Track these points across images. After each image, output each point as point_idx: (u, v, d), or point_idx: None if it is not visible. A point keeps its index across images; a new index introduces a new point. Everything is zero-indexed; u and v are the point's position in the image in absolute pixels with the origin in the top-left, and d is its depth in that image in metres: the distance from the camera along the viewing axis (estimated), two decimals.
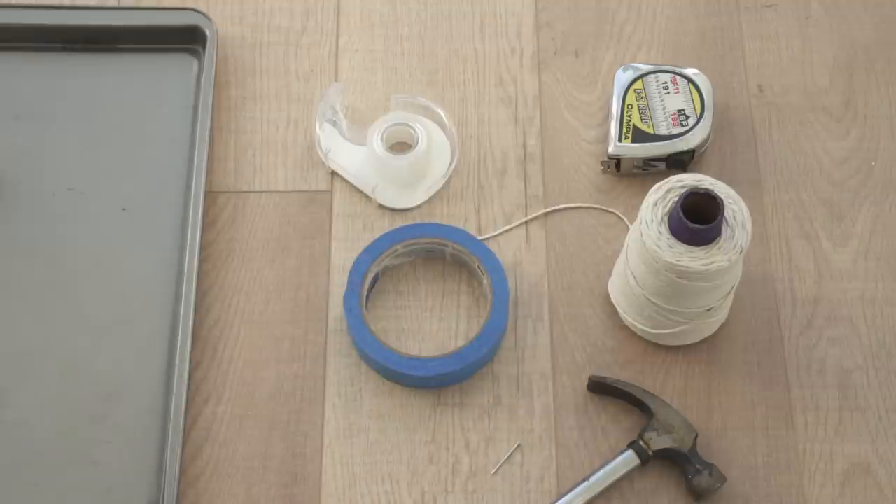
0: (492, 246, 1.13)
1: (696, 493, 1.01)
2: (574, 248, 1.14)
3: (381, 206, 1.15)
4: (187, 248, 1.10)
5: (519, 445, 1.05)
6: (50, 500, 1.02)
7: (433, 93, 1.21)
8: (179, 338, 1.07)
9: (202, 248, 1.11)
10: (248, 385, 1.07)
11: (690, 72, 1.18)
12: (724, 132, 1.19)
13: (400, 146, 1.17)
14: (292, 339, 1.09)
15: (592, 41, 1.24)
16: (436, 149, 1.17)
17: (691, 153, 1.15)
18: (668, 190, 1.01)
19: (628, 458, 1.02)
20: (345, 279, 1.10)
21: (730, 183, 1.02)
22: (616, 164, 1.16)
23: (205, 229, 1.12)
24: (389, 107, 1.19)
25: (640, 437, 1.03)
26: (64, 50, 1.22)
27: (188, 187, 1.14)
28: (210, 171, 1.16)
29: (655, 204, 1.00)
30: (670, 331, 1.06)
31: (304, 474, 1.03)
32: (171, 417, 1.03)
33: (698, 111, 1.16)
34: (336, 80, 1.22)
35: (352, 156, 1.16)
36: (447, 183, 1.17)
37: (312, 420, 1.06)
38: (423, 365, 1.05)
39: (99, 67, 1.21)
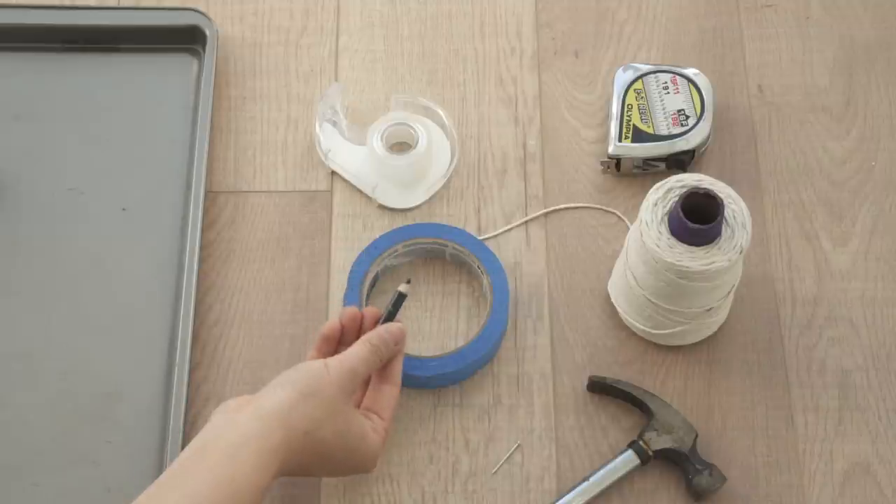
0: (492, 246, 1.13)
1: (696, 493, 1.01)
2: (574, 248, 1.14)
3: (381, 206, 1.15)
4: (187, 248, 1.10)
5: (519, 445, 1.05)
6: (50, 500, 1.02)
7: (433, 93, 1.21)
8: (179, 338, 1.07)
9: (202, 248, 1.11)
10: (248, 385, 1.07)
11: (690, 72, 1.18)
12: (724, 132, 1.19)
13: (400, 146, 1.17)
14: (292, 338, 1.09)
15: (592, 41, 1.24)
16: (436, 149, 1.17)
17: (691, 153, 1.15)
18: (668, 190, 1.01)
19: (628, 458, 1.02)
20: (345, 279, 1.10)
21: (730, 183, 1.02)
22: (616, 164, 1.16)
23: (205, 229, 1.12)
24: (389, 107, 1.19)
25: (640, 437, 1.03)
26: (64, 50, 1.22)
27: (188, 187, 1.14)
28: (210, 171, 1.16)
29: (655, 204, 1.00)
30: (670, 331, 1.06)
31: None
32: (171, 417, 1.03)
33: (698, 111, 1.16)
34: (336, 80, 1.22)
35: (352, 156, 1.17)
36: (447, 183, 1.17)
37: None
38: (423, 365, 1.05)
39: (99, 67, 1.21)
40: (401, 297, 1.02)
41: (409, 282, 1.02)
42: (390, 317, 1.01)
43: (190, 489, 0.83)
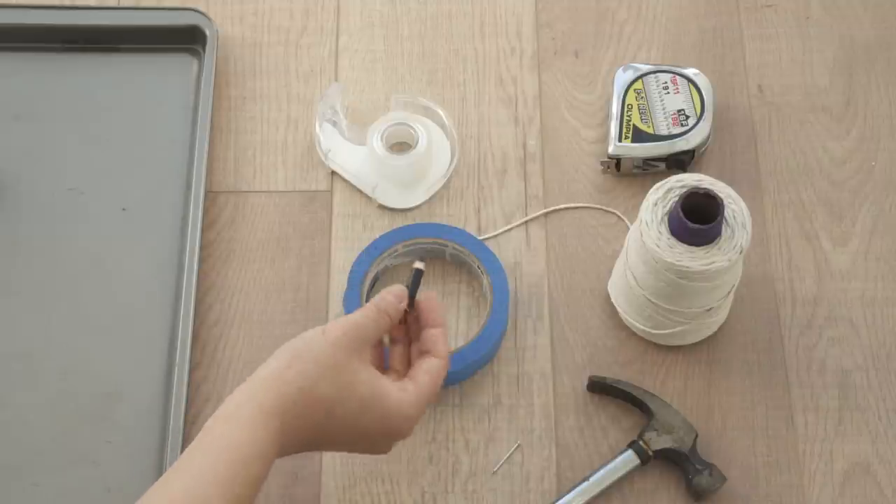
0: (492, 246, 1.13)
1: (696, 493, 1.01)
2: (574, 248, 1.14)
3: (381, 206, 1.15)
4: (187, 248, 1.10)
5: (519, 445, 1.05)
6: (50, 500, 1.02)
7: (433, 93, 1.21)
8: (179, 338, 1.07)
9: (202, 248, 1.11)
10: None
11: (690, 72, 1.18)
12: (724, 132, 1.19)
13: (400, 146, 1.17)
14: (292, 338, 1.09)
15: (592, 41, 1.24)
16: (436, 149, 1.17)
17: (691, 153, 1.15)
18: (668, 190, 1.01)
19: (628, 458, 1.02)
20: (345, 279, 1.09)
21: (730, 183, 1.02)
22: (616, 164, 1.16)
23: (205, 229, 1.12)
24: (389, 107, 1.19)
25: (640, 437, 1.03)
26: (64, 50, 1.22)
27: (188, 187, 1.14)
28: (210, 171, 1.16)
29: (655, 204, 1.00)
30: (670, 331, 1.06)
31: (303, 474, 1.03)
32: (171, 417, 1.03)
33: (698, 111, 1.16)
34: (336, 80, 1.22)
35: (352, 156, 1.17)
36: (447, 183, 1.17)
37: None
38: None
39: (99, 67, 1.21)
40: (419, 274, 0.97)
41: (422, 259, 0.98)
42: (412, 295, 0.96)
43: (196, 468, 0.83)
